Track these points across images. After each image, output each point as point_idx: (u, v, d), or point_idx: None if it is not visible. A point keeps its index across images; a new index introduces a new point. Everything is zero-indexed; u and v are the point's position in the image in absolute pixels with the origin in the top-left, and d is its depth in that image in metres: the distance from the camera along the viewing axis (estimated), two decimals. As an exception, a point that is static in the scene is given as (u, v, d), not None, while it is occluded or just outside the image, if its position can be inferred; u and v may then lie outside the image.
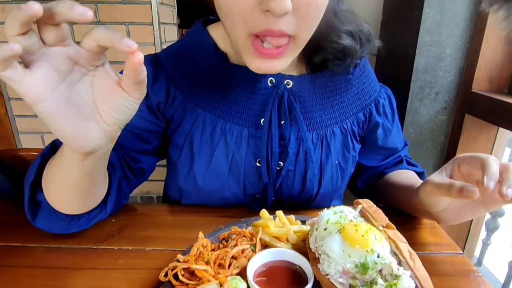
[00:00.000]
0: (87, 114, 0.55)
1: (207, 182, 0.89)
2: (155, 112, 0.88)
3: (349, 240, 0.56)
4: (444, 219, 0.76)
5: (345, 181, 1.00)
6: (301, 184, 0.92)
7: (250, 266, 0.61)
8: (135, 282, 0.67)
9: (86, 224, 0.79)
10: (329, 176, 0.94)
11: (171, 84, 0.87)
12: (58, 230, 0.77)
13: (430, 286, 0.53)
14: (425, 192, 0.74)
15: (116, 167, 0.83)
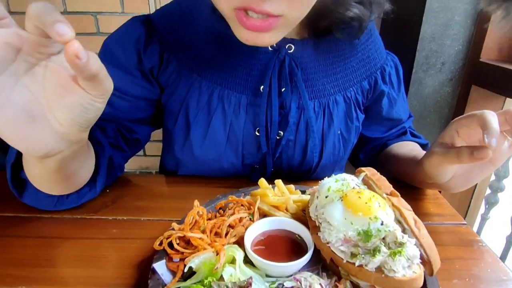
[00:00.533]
0: (35, 113, 0.47)
1: (204, 151, 0.86)
2: (149, 78, 0.84)
3: (351, 207, 0.53)
4: (452, 187, 0.74)
5: (347, 152, 0.97)
6: (301, 155, 0.89)
7: (247, 235, 0.58)
8: (129, 252, 0.65)
9: (75, 203, 0.75)
10: (331, 147, 0.91)
11: (165, 48, 0.82)
12: (46, 207, 0.74)
13: (435, 255, 0.51)
14: (432, 164, 0.71)
15: (105, 146, 0.78)
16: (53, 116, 0.48)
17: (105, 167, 0.77)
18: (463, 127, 0.65)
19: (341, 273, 0.54)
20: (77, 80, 0.46)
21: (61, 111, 0.48)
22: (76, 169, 0.66)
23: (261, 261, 0.53)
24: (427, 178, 0.74)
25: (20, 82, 0.45)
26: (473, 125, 0.61)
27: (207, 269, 0.51)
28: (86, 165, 0.70)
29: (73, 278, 0.59)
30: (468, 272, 0.62)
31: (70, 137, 0.52)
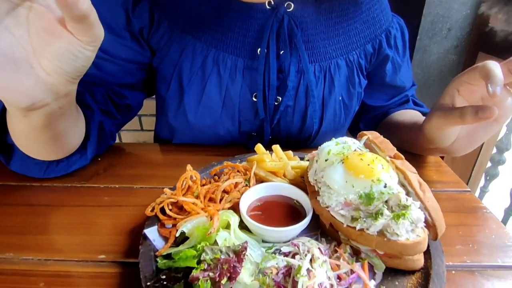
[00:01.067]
0: (19, 59, 0.42)
1: (199, 118, 0.82)
2: (139, 39, 0.78)
3: (353, 169, 0.50)
4: (456, 150, 0.71)
5: (348, 120, 0.93)
6: (300, 121, 0.86)
7: (243, 200, 0.56)
8: (121, 219, 0.63)
9: (66, 170, 0.72)
10: (332, 114, 0.87)
11: (155, 7, 0.76)
12: (35, 174, 0.70)
13: (440, 218, 0.49)
14: (433, 127, 0.67)
15: (95, 110, 0.74)
16: (38, 64, 0.44)
17: (96, 133, 0.74)
18: (464, 84, 0.61)
19: (341, 238, 0.51)
20: (64, 24, 0.41)
21: (48, 59, 0.44)
22: (64, 130, 0.61)
23: (258, 226, 0.51)
24: (429, 143, 0.71)
25: (2, 24, 0.41)
26: (475, 78, 0.57)
27: (200, 234, 0.48)
28: (75, 128, 0.66)
29: (63, 245, 0.57)
30: (472, 238, 0.60)
31: (58, 88, 0.48)
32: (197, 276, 0.42)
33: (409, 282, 0.47)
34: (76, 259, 0.54)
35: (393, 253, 0.46)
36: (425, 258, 0.50)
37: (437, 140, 0.69)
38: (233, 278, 0.43)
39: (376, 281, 0.47)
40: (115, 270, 0.52)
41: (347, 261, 0.47)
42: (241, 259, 0.44)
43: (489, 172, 2.04)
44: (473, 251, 0.57)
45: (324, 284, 0.42)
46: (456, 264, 0.54)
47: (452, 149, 0.70)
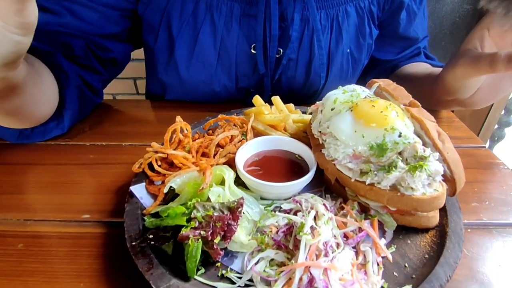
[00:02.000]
0: None
1: (192, 73, 0.75)
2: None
3: (363, 117, 0.44)
4: (476, 102, 0.64)
5: (356, 74, 0.85)
6: (304, 76, 0.78)
7: (240, 155, 0.50)
8: (107, 177, 0.58)
9: (41, 138, 0.66)
10: (338, 68, 0.79)
11: None
12: (9, 139, 0.64)
13: (460, 171, 0.43)
14: (456, 76, 0.60)
15: (69, 74, 0.65)
16: None
17: (74, 99, 0.66)
18: (495, 26, 0.53)
19: (348, 195, 0.46)
20: None
21: None
22: (19, 106, 0.55)
23: (256, 181, 0.45)
24: (447, 94, 0.64)
25: None
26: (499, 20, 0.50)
27: (191, 190, 0.43)
28: (35, 101, 0.58)
29: (44, 205, 0.53)
30: (488, 195, 0.56)
31: None
32: (186, 235, 0.37)
33: (423, 241, 0.43)
34: (58, 219, 0.50)
35: (406, 209, 0.42)
36: (441, 216, 0.45)
37: (458, 91, 0.62)
38: (228, 237, 0.38)
39: (386, 239, 0.42)
40: (99, 230, 0.48)
41: (355, 218, 0.42)
42: (237, 216, 0.39)
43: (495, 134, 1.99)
44: (489, 208, 0.53)
45: (329, 243, 0.37)
46: (472, 222, 0.50)
47: (471, 101, 0.64)
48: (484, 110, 1.43)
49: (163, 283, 0.35)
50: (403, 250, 0.42)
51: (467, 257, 0.44)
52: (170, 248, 0.40)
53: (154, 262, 0.38)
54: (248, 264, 0.38)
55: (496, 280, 0.41)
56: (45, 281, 0.41)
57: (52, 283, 0.41)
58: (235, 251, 0.41)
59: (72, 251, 0.45)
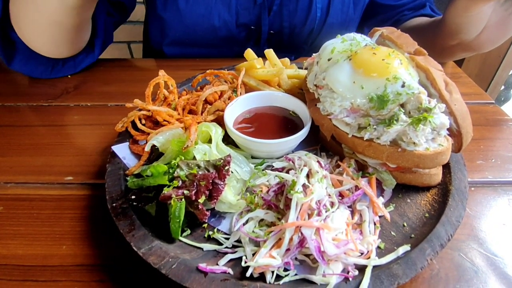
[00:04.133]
0: None
1: (191, 5, 0.72)
2: None
3: (363, 66, 0.40)
4: (483, 43, 0.59)
5: (357, 12, 0.80)
6: (305, 11, 0.74)
7: (229, 111, 0.47)
8: (92, 138, 0.55)
9: (73, 69, 0.70)
10: (339, 2, 0.75)
11: None
12: (40, 75, 0.68)
13: (468, 125, 0.40)
14: (458, 10, 0.55)
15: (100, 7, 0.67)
16: None
17: (102, 28, 0.69)
18: None
19: (345, 152, 0.43)
20: None
21: None
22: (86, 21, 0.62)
23: (245, 138, 0.42)
24: (450, 37, 0.60)
25: None
26: None
27: (176, 149, 0.40)
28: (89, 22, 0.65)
29: (25, 167, 0.50)
30: (495, 152, 0.52)
31: None
32: (169, 195, 0.34)
33: (424, 200, 0.40)
34: (40, 182, 0.47)
35: (407, 166, 0.39)
36: (444, 173, 0.42)
37: (462, 29, 0.57)
38: (215, 197, 0.36)
39: (384, 198, 0.40)
40: (83, 192, 0.45)
41: (351, 176, 0.39)
42: (223, 175, 0.36)
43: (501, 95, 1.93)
44: (496, 166, 0.50)
45: (323, 202, 0.35)
46: (477, 180, 0.47)
47: (477, 42, 0.59)
48: (491, 69, 1.36)
49: (144, 245, 0.33)
50: (402, 209, 0.39)
51: (470, 216, 0.42)
52: (153, 209, 0.37)
53: (136, 223, 0.36)
54: (236, 224, 0.36)
55: (500, 239, 0.39)
56: (27, 244, 0.39)
57: (34, 245, 0.39)
58: (223, 211, 0.38)
59: (54, 213, 0.43)
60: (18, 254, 0.39)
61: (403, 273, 0.31)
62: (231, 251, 0.34)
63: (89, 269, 0.36)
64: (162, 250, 0.33)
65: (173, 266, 0.31)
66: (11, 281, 0.36)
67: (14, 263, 0.38)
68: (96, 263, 0.37)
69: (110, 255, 0.37)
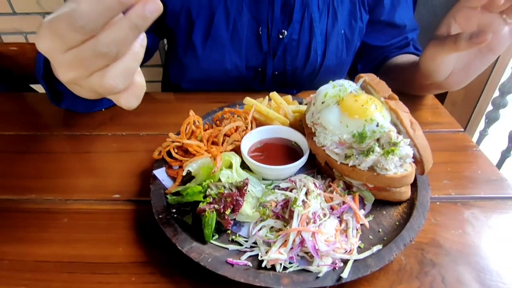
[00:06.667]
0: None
1: (208, 52, 0.84)
2: None
3: (347, 110, 0.53)
4: (452, 83, 0.71)
5: (350, 55, 0.94)
6: (305, 55, 0.87)
7: (244, 142, 0.59)
8: (130, 163, 0.67)
9: (108, 103, 0.82)
10: (334, 47, 0.88)
11: None
12: (83, 110, 0.80)
13: (428, 155, 0.52)
14: (427, 57, 0.67)
15: None
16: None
17: None
18: (462, 9, 0.60)
19: (335, 175, 0.56)
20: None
21: None
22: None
23: (258, 165, 0.54)
24: (425, 78, 0.72)
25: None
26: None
27: (205, 173, 0.52)
28: None
29: (79, 187, 0.62)
30: (460, 174, 0.64)
31: None
32: (203, 208, 0.47)
33: (396, 212, 0.52)
34: (93, 199, 0.59)
35: (382, 186, 0.51)
36: (412, 191, 0.54)
37: (433, 73, 0.69)
38: (236, 210, 0.48)
39: (365, 211, 0.52)
40: (129, 207, 0.57)
41: (339, 194, 0.51)
42: (243, 193, 0.48)
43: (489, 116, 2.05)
44: (459, 185, 0.61)
45: (317, 213, 0.47)
46: (441, 196, 0.59)
47: (448, 83, 0.71)
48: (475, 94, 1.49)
49: (186, 245, 0.45)
50: (378, 219, 0.51)
51: (434, 225, 0.53)
52: (190, 219, 0.49)
53: (178, 230, 0.47)
54: (253, 231, 0.47)
55: (455, 242, 0.50)
56: (91, 246, 0.51)
57: (96, 248, 0.51)
58: (242, 221, 0.50)
59: (109, 223, 0.55)
60: (84, 254, 0.50)
61: (374, 264, 0.42)
62: (250, 250, 0.46)
63: (142, 264, 0.48)
64: (199, 249, 0.45)
65: (209, 260, 0.43)
66: (83, 273, 0.47)
67: (82, 261, 0.49)
68: (147, 260, 0.48)
69: (158, 253, 0.49)
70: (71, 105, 0.76)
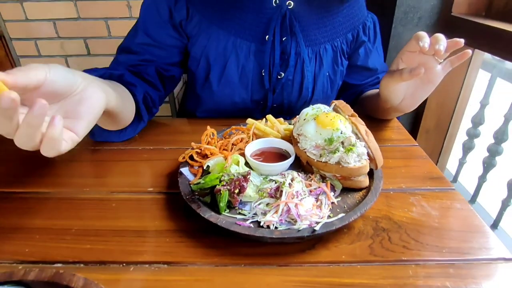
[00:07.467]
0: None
1: (221, 88, 1.07)
2: (178, 29, 1.03)
3: (321, 124, 0.74)
4: (405, 106, 0.94)
5: (333, 91, 1.18)
6: (298, 92, 1.10)
7: (247, 149, 0.80)
8: (158, 168, 0.87)
9: (133, 133, 1.00)
10: (321, 86, 1.12)
11: (189, 4, 1.00)
12: (113, 140, 0.98)
13: (379, 154, 0.73)
14: (383, 86, 0.92)
15: (137, 84, 0.96)
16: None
17: (141, 101, 0.96)
18: (405, 53, 0.84)
19: (314, 170, 0.76)
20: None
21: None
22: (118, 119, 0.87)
23: (257, 163, 0.75)
24: (384, 103, 0.95)
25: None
26: (413, 44, 0.80)
27: (219, 168, 0.73)
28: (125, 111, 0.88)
29: (120, 184, 0.82)
30: (410, 174, 0.84)
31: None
32: (219, 189, 0.66)
33: (357, 195, 0.71)
34: (132, 191, 0.78)
35: (345, 175, 0.71)
36: (370, 181, 0.74)
37: (389, 98, 0.92)
38: (242, 191, 0.67)
39: (335, 194, 0.71)
40: (161, 197, 0.76)
41: (316, 181, 0.71)
42: (247, 179, 0.68)
43: (465, 145, 2.28)
44: (409, 181, 0.81)
45: (299, 192, 0.66)
46: (395, 188, 0.78)
47: (402, 106, 0.94)
48: (445, 123, 1.73)
49: (207, 213, 0.64)
50: (344, 200, 0.70)
51: (387, 206, 0.71)
52: (208, 199, 0.68)
53: (200, 204, 0.66)
54: (254, 206, 0.67)
55: (401, 216, 0.69)
56: (135, 221, 0.68)
57: (139, 221, 0.68)
58: (246, 201, 0.69)
59: (146, 207, 0.73)
60: (130, 225, 0.68)
61: (339, 223, 0.61)
62: (252, 218, 0.65)
63: (173, 231, 0.66)
64: (216, 216, 0.64)
65: (223, 222, 0.62)
66: (130, 237, 0.65)
67: (129, 229, 0.67)
68: (177, 229, 0.67)
69: (184, 224, 0.67)
70: (103, 136, 0.94)
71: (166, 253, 0.62)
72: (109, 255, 0.62)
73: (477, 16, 1.43)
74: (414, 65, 0.84)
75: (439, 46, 0.75)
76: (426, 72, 0.79)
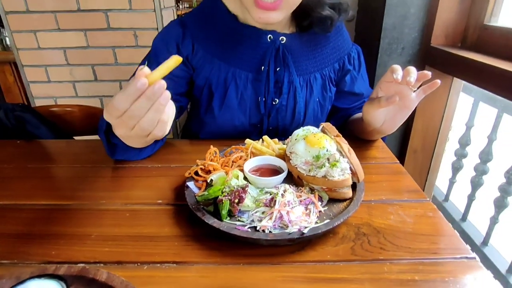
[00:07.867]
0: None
1: (222, 113, 1.20)
2: (186, 63, 1.17)
3: (309, 143, 0.85)
4: (385, 129, 1.06)
5: (323, 115, 1.30)
6: (291, 116, 1.23)
7: (246, 165, 0.91)
8: (166, 183, 0.97)
9: (151, 152, 1.11)
10: (312, 111, 1.24)
11: (195, 41, 1.14)
12: (132, 158, 1.09)
13: (360, 169, 0.83)
14: (365, 112, 1.05)
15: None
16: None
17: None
18: (383, 83, 0.97)
19: (304, 183, 0.86)
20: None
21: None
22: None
23: (254, 177, 0.85)
24: (367, 125, 1.07)
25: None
26: (388, 76, 0.93)
27: (221, 181, 0.83)
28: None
29: (133, 197, 0.92)
30: (391, 188, 0.94)
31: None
32: (221, 199, 0.76)
33: (342, 205, 0.82)
34: (144, 203, 0.88)
35: (331, 187, 0.81)
36: (353, 193, 0.84)
37: (370, 121, 1.05)
38: (241, 202, 0.77)
39: (322, 204, 0.81)
40: (169, 208, 0.86)
41: (306, 193, 0.82)
42: (245, 191, 0.78)
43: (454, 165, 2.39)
44: (389, 193, 0.91)
45: (291, 201, 0.77)
46: (376, 199, 0.88)
47: (383, 129, 1.06)
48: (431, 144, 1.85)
49: (210, 220, 0.74)
50: (330, 209, 0.80)
51: (368, 215, 0.81)
52: (212, 208, 0.79)
53: (205, 212, 0.76)
54: (251, 214, 0.77)
55: (380, 223, 0.79)
56: (147, 227, 0.78)
57: (151, 228, 0.78)
58: (244, 210, 0.79)
59: (156, 216, 0.83)
60: (143, 231, 0.77)
61: (324, 228, 0.71)
62: (249, 224, 0.75)
63: (181, 236, 0.75)
64: (218, 223, 0.74)
65: (225, 227, 0.72)
66: (143, 241, 0.74)
67: (142, 235, 0.76)
68: (184, 234, 0.76)
69: (191, 230, 0.77)
70: (124, 155, 1.04)
71: (175, 254, 0.71)
72: (125, 256, 0.71)
73: (453, 47, 1.59)
74: (391, 93, 0.97)
75: (409, 78, 0.87)
76: (401, 99, 0.92)
